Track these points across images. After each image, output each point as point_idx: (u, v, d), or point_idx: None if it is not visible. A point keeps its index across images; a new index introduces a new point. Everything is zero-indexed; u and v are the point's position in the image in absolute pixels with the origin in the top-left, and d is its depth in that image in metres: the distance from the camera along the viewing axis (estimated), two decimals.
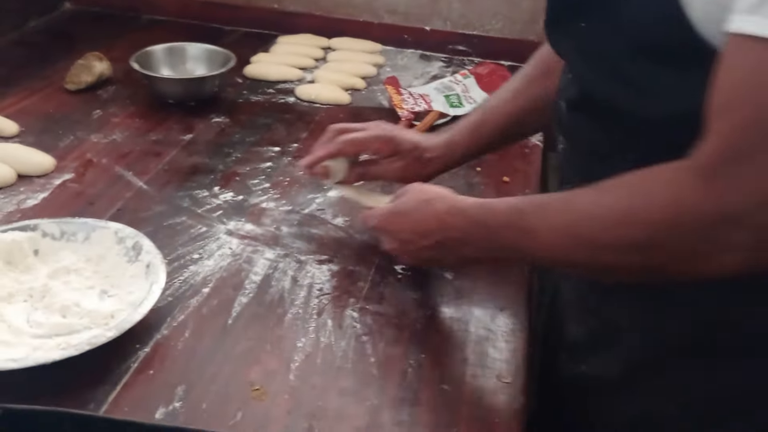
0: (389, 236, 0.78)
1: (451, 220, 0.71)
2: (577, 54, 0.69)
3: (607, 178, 0.67)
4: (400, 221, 0.76)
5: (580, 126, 0.72)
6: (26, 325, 0.71)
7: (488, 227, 0.68)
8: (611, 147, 0.68)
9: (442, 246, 0.73)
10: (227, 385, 0.67)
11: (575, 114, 0.72)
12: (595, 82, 0.67)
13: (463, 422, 0.65)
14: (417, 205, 0.75)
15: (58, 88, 1.22)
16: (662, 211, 0.55)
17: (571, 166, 0.76)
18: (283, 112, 1.21)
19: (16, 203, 0.91)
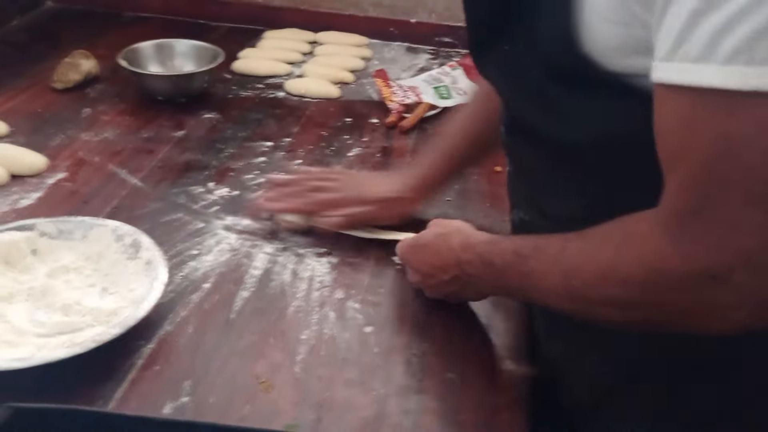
0: (411, 269, 0.78)
1: (465, 256, 0.70)
2: (503, 78, 0.69)
3: (547, 202, 0.70)
4: (421, 254, 0.76)
5: (516, 149, 0.73)
6: (29, 324, 0.71)
7: (494, 266, 0.67)
8: (545, 169, 0.68)
9: (460, 281, 0.72)
10: (233, 378, 0.68)
11: (511, 137, 0.73)
12: (520, 106, 0.68)
13: (469, 409, 0.66)
14: (435, 239, 0.75)
15: (45, 87, 1.20)
16: (636, 270, 0.54)
17: (515, 189, 0.77)
18: (274, 107, 1.21)
19: (10, 203, 0.91)
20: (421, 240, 0.77)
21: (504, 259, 0.66)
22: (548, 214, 0.70)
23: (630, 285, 0.54)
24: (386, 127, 1.16)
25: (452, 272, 0.72)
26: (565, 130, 0.61)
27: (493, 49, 0.66)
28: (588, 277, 0.57)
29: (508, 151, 0.74)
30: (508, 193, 0.79)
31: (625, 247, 0.55)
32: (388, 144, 1.11)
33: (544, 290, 0.62)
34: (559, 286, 0.60)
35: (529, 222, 0.74)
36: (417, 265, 0.77)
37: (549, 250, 0.62)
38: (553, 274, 0.60)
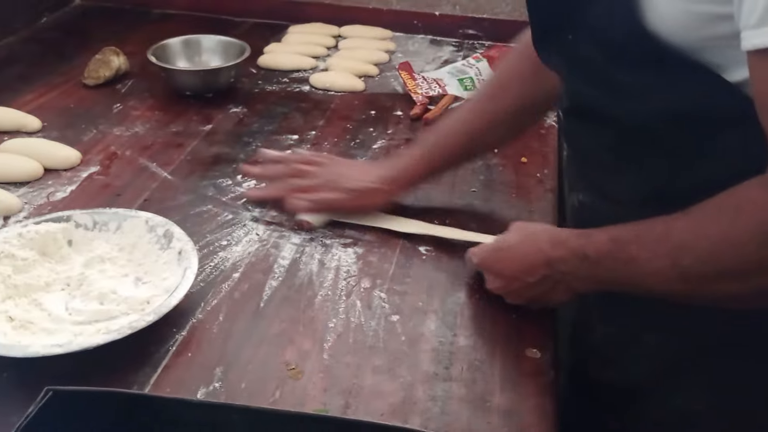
0: (493, 275, 0.76)
1: (556, 254, 0.70)
2: (566, 65, 0.71)
3: (607, 184, 0.71)
4: (504, 258, 0.75)
5: (577, 133, 0.75)
6: (65, 312, 0.73)
7: (589, 258, 0.67)
8: (607, 151, 0.69)
9: (549, 280, 0.71)
10: (264, 365, 0.69)
11: (571, 122, 0.74)
12: (583, 89, 0.69)
13: (496, 396, 0.67)
14: (520, 240, 0.74)
15: (77, 83, 1.23)
16: (753, 237, 0.55)
17: (574, 173, 0.78)
18: (299, 100, 1.22)
19: (45, 196, 0.93)
20: (505, 243, 0.75)
21: (600, 250, 0.65)
22: (608, 196, 0.72)
23: (747, 253, 0.55)
24: (411, 119, 1.16)
25: (541, 273, 0.71)
26: (630, 111, 0.63)
27: (556, 39, 0.68)
28: (701, 253, 0.58)
29: (568, 135, 0.76)
30: (567, 177, 0.80)
31: (738, 217, 0.56)
32: (412, 136, 1.12)
33: (649, 274, 0.62)
34: (668, 268, 0.60)
35: (588, 204, 0.75)
36: (500, 270, 0.75)
37: (651, 233, 0.62)
38: (659, 257, 0.61)
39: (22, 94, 1.19)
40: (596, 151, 0.72)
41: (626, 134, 0.66)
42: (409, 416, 0.64)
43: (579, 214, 0.79)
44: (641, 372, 0.76)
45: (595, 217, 0.71)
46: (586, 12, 0.64)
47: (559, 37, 0.68)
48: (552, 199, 0.96)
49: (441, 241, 0.86)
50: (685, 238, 0.60)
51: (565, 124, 0.75)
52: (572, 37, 0.66)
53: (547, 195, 0.97)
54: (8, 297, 0.73)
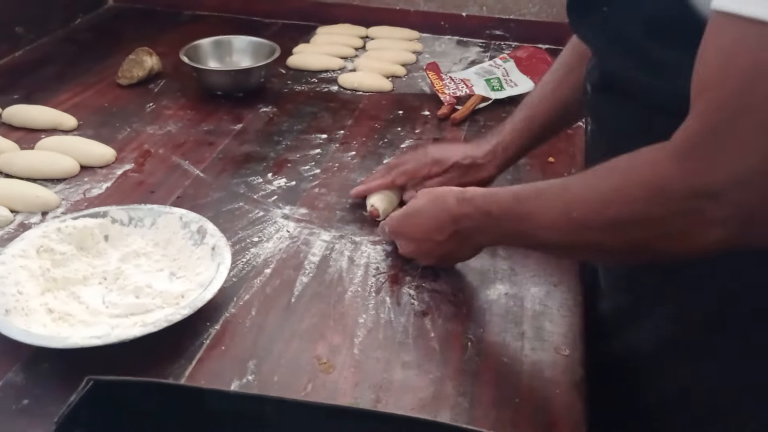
0: (404, 239, 0.81)
1: (461, 210, 0.73)
2: (599, 37, 0.71)
3: None
4: (413, 222, 0.79)
5: (604, 107, 0.75)
6: (102, 305, 0.75)
7: (491, 214, 0.70)
8: (634, 127, 0.69)
9: (457, 236, 0.75)
10: (295, 359, 0.71)
11: (600, 96, 0.74)
12: (616, 64, 0.70)
13: (525, 393, 0.68)
14: (427, 203, 0.78)
15: (111, 82, 1.26)
16: (642, 190, 0.57)
17: (597, 147, 0.78)
18: (328, 100, 1.24)
19: (81, 192, 0.96)
20: (413, 208, 0.79)
21: (502, 206, 0.69)
22: None
23: (632, 204, 0.58)
24: (438, 118, 1.17)
25: (449, 230, 0.74)
26: (663, 88, 0.63)
27: (591, 11, 0.69)
28: (591, 204, 0.61)
29: (595, 111, 0.76)
30: (586, 152, 0.81)
31: (631, 173, 0.58)
32: (440, 135, 1.13)
33: (543, 227, 0.65)
34: (560, 219, 0.63)
35: None
36: (410, 233, 0.79)
37: (551, 189, 0.66)
38: (553, 209, 0.64)
39: (58, 93, 1.22)
40: (624, 127, 0.72)
41: (657, 111, 0.66)
42: (439, 411, 0.65)
43: None
44: (645, 346, 0.76)
45: None
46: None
47: (594, 8, 0.69)
48: None
49: None
50: (578, 191, 0.63)
51: (593, 99, 0.75)
52: (607, 9, 0.67)
53: None
54: (47, 290, 0.75)
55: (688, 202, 0.54)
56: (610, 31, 0.68)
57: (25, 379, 0.68)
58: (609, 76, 0.72)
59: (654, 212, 0.57)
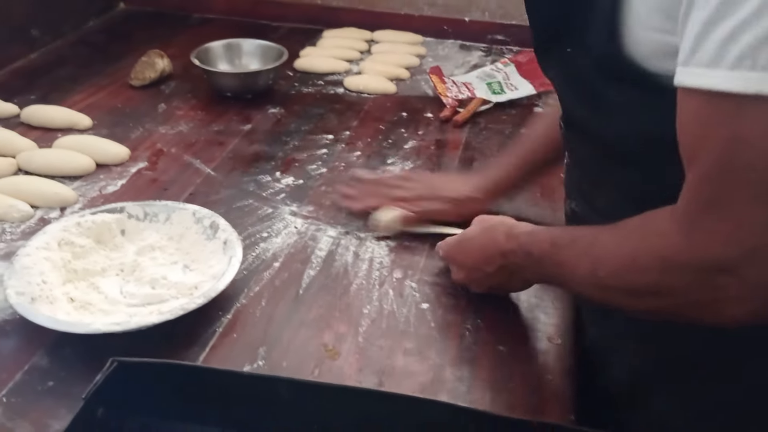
0: (456, 266, 0.81)
1: (508, 246, 0.73)
2: (561, 77, 0.74)
3: (594, 195, 0.74)
4: (465, 250, 0.80)
5: (571, 143, 0.78)
6: (120, 295, 0.79)
7: (533, 256, 0.70)
8: (593, 163, 0.72)
9: (504, 270, 0.75)
10: (303, 346, 0.75)
11: (568, 133, 0.77)
12: (575, 104, 0.72)
13: (518, 379, 0.72)
14: (480, 233, 0.79)
15: (124, 84, 1.30)
16: (654, 260, 0.58)
17: (570, 181, 0.81)
18: (334, 102, 1.28)
19: (98, 189, 1.00)
20: (467, 236, 0.80)
21: (541, 249, 0.69)
22: (596, 206, 0.75)
23: (647, 275, 0.58)
24: (440, 121, 1.21)
25: (497, 263, 0.75)
26: (611, 127, 0.66)
27: (554, 50, 0.71)
28: (612, 267, 0.61)
29: (566, 145, 0.79)
30: (564, 184, 0.83)
31: (645, 241, 0.59)
32: (442, 137, 1.17)
33: (575, 280, 0.66)
34: (588, 276, 0.63)
35: (580, 213, 0.78)
36: (462, 261, 0.80)
37: (581, 241, 0.66)
38: (583, 265, 0.64)
39: (73, 94, 1.26)
40: (586, 162, 0.75)
41: (608, 149, 0.68)
42: (437, 395, 0.69)
43: (572, 222, 0.81)
44: (622, 378, 0.78)
45: (583, 224, 0.74)
46: (577, 28, 0.66)
47: (558, 49, 0.70)
48: None
49: None
50: (603, 252, 0.62)
51: (564, 135, 0.78)
52: (570, 50, 0.68)
53: None
54: (68, 280, 0.80)
55: (701, 275, 0.54)
56: (568, 71, 0.70)
57: (50, 363, 0.72)
58: (569, 113, 0.75)
59: (668, 283, 0.57)
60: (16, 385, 0.70)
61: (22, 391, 0.69)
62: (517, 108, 1.26)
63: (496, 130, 1.19)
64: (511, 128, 1.20)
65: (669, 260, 0.56)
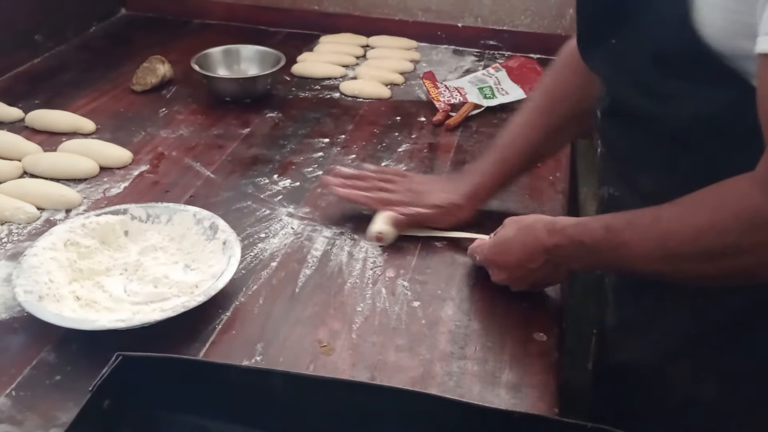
0: (497, 268, 0.84)
1: (553, 240, 0.77)
2: (608, 67, 0.77)
3: (640, 179, 0.77)
4: (505, 251, 0.82)
5: (614, 132, 0.80)
6: (124, 294, 0.83)
7: (585, 244, 0.74)
8: (641, 150, 0.75)
9: (549, 264, 0.79)
10: (299, 342, 0.78)
11: (610, 121, 0.80)
12: (625, 92, 0.75)
13: (505, 373, 0.75)
14: (518, 233, 0.81)
15: (126, 89, 1.34)
16: (734, 221, 0.62)
17: (608, 169, 0.84)
18: (330, 106, 1.32)
19: (101, 192, 1.03)
20: (503, 238, 0.83)
21: (594, 237, 0.73)
22: (639, 190, 0.77)
23: (727, 236, 0.62)
24: (433, 124, 1.25)
25: (541, 258, 0.78)
26: (669, 113, 0.69)
27: (600, 43, 0.75)
28: (685, 235, 0.65)
29: (605, 135, 0.82)
30: (599, 171, 0.86)
31: (723, 205, 0.63)
32: (434, 141, 1.20)
33: (638, 257, 0.70)
34: (655, 250, 0.68)
35: (619, 197, 0.81)
36: (504, 261, 0.82)
37: (643, 221, 0.69)
38: (647, 240, 0.68)
39: (76, 99, 1.29)
40: (633, 149, 0.77)
41: (664, 136, 0.71)
42: (427, 389, 0.72)
43: (608, 207, 0.83)
44: (648, 358, 0.81)
45: (623, 208, 0.76)
46: (631, 19, 0.70)
47: (603, 40, 0.74)
48: (562, 200, 1.04)
49: None
50: (672, 224, 0.67)
51: (603, 125, 0.81)
52: (615, 41, 0.73)
53: (557, 196, 1.05)
54: (74, 279, 0.83)
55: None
56: (618, 61, 0.74)
57: (57, 358, 0.75)
58: (617, 103, 0.77)
59: (747, 242, 0.61)
60: (24, 379, 0.73)
61: (30, 385, 0.72)
62: (508, 112, 1.29)
63: (487, 134, 1.22)
64: None
65: (752, 219, 0.60)
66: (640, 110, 0.73)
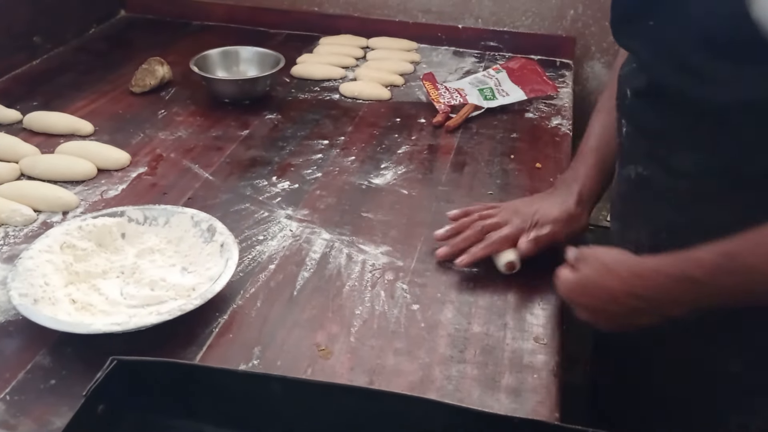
0: (579, 307, 0.79)
1: (644, 283, 0.71)
2: (646, 48, 0.76)
3: (674, 158, 0.75)
4: (585, 292, 0.77)
5: (645, 112, 0.79)
6: (120, 297, 0.82)
7: (695, 279, 0.68)
8: (674, 131, 0.75)
9: (637, 309, 0.73)
10: (297, 346, 0.77)
11: (641, 101, 0.79)
12: (663, 73, 0.73)
13: (505, 377, 0.74)
14: (598, 274, 0.76)
15: (124, 90, 1.33)
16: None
17: (635, 149, 0.82)
18: (329, 108, 1.31)
19: (99, 194, 1.03)
20: (583, 277, 0.77)
21: (706, 268, 0.66)
22: (674, 169, 0.75)
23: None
24: (433, 126, 1.24)
25: (626, 302, 0.73)
26: (710, 96, 0.68)
27: (637, 24, 0.74)
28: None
29: (633, 114, 0.80)
30: (623, 152, 0.84)
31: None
32: (434, 142, 1.20)
33: None
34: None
35: (649, 176, 0.79)
36: (585, 303, 0.78)
37: (763, 239, 0.64)
38: None
39: (75, 100, 1.29)
40: (667, 129, 0.75)
41: (703, 116, 0.70)
42: (426, 393, 0.71)
43: (634, 185, 0.82)
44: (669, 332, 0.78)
45: (654, 188, 0.76)
46: (672, 3, 0.69)
47: (640, 21, 0.73)
48: None
49: None
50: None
51: (632, 104, 0.79)
52: (653, 23, 0.72)
53: None
54: (70, 282, 0.82)
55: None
56: (658, 43, 0.73)
57: (52, 362, 0.75)
58: (654, 84, 0.76)
59: None
60: (19, 383, 0.72)
61: (24, 389, 0.72)
62: (508, 113, 1.29)
63: (487, 135, 1.22)
64: (503, 133, 1.22)
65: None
66: (682, 92, 0.71)
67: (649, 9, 0.73)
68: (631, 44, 0.80)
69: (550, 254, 0.88)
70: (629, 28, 0.78)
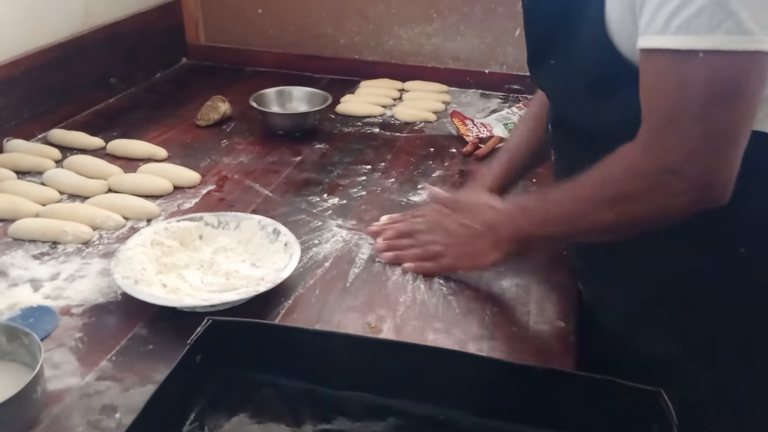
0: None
1: (496, 204, 0.96)
2: (549, 85, 0.93)
3: None
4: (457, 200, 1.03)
5: (560, 142, 0.97)
6: (201, 284, 0.97)
7: (524, 207, 0.93)
8: (584, 155, 0.88)
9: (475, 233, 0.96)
10: (351, 324, 0.91)
11: (556, 132, 0.96)
12: (562, 106, 0.92)
13: (528, 352, 0.87)
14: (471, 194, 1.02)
15: (191, 124, 1.51)
16: (622, 172, 0.80)
17: (560, 173, 0.99)
18: (371, 140, 1.47)
19: (176, 206, 1.19)
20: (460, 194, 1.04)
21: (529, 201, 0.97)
22: None
23: (618, 185, 0.80)
24: (463, 155, 1.40)
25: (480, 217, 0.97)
26: (597, 125, 0.85)
27: (543, 63, 0.91)
28: (589, 185, 0.84)
29: (553, 144, 0.98)
30: (554, 177, 1.02)
31: (615, 163, 0.81)
32: (465, 168, 1.35)
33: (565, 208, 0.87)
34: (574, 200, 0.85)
35: None
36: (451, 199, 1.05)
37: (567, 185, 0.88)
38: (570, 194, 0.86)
39: (149, 131, 1.47)
40: (577, 157, 0.91)
41: (597, 142, 0.85)
42: None
43: None
44: (615, 322, 0.96)
45: None
46: (563, 43, 0.84)
47: (544, 61, 0.90)
48: None
49: None
50: (582, 179, 0.84)
51: (551, 135, 0.98)
52: (554, 62, 0.88)
53: None
54: (160, 272, 0.98)
55: (656, 177, 0.76)
56: (556, 79, 0.90)
57: (149, 333, 0.89)
58: (559, 115, 0.94)
59: (633, 188, 0.78)
60: (122, 348, 0.87)
61: (127, 352, 0.86)
62: None
63: None
64: None
65: (633, 169, 0.78)
66: (576, 121, 0.89)
67: (549, 49, 0.89)
68: (539, 81, 0.96)
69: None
70: (537, 66, 0.94)
